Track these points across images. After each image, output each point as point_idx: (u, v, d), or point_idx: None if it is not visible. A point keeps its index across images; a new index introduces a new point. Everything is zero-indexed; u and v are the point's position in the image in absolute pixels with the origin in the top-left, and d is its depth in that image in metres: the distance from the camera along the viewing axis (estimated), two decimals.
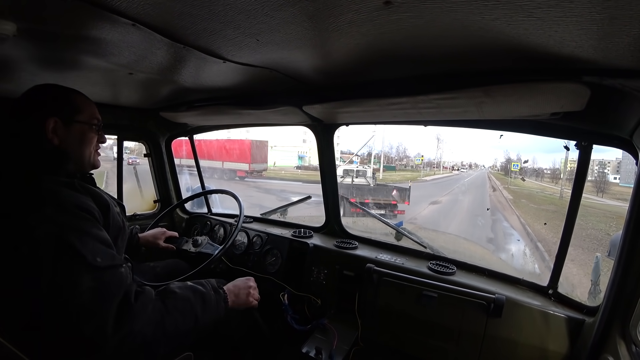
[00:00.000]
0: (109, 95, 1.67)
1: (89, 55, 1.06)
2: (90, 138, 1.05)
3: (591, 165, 1.76)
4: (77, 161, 1.04)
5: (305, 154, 31.05)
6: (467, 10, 0.66)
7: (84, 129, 1.03)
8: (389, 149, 37.91)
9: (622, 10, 0.57)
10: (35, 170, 0.94)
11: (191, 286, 1.03)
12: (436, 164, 37.22)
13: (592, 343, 1.04)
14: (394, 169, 32.66)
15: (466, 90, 1.05)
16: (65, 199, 0.87)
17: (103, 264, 0.82)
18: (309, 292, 1.68)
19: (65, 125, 0.99)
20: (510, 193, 17.21)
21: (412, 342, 1.40)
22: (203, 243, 1.76)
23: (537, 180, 26.77)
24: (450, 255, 1.61)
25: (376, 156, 35.14)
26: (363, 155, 26.94)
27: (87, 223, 0.87)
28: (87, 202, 0.92)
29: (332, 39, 0.87)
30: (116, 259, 0.88)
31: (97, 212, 0.93)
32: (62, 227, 0.82)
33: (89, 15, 0.76)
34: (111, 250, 0.89)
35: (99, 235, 0.87)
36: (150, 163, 2.42)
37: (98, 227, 0.89)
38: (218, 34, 0.87)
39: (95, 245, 0.85)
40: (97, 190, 1.03)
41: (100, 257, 0.83)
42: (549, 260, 5.53)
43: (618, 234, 1.04)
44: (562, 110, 1.01)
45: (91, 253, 0.82)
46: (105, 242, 0.88)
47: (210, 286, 1.08)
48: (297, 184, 17.11)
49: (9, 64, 1.15)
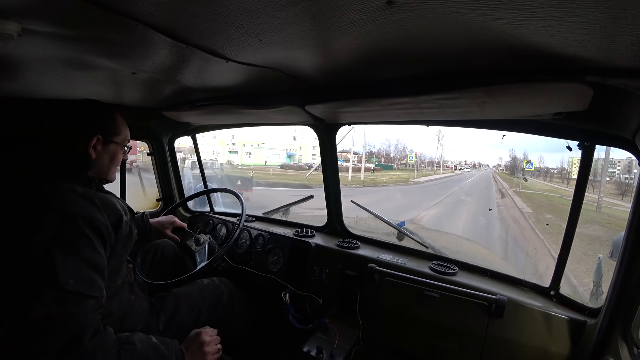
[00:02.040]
0: (112, 94, 1.68)
1: (93, 55, 1.07)
2: (119, 158, 1.16)
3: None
4: (100, 174, 1.10)
5: (294, 151, 30.27)
6: (469, 10, 0.65)
7: (117, 149, 1.13)
8: (387, 147, 37.00)
9: (625, 10, 0.57)
10: (55, 175, 0.96)
11: (154, 345, 0.97)
12: (437, 163, 35.17)
13: (594, 345, 1.04)
14: (390, 168, 30.91)
15: (468, 90, 1.05)
16: (75, 210, 0.88)
17: (71, 288, 0.80)
18: (310, 292, 1.68)
19: (105, 144, 1.07)
20: (524, 200, 13.88)
21: (413, 343, 1.40)
22: (203, 244, 1.77)
23: (544, 180, 24.23)
24: (452, 256, 1.61)
25: (374, 154, 33.86)
26: (360, 154, 26.58)
27: (83, 240, 0.86)
28: (97, 217, 0.92)
29: (335, 39, 0.87)
30: (94, 288, 0.85)
31: (107, 226, 0.94)
32: (55, 238, 0.82)
33: (93, 16, 0.76)
34: (96, 275, 0.87)
35: (89, 257, 0.86)
36: (153, 162, 2.44)
37: (93, 248, 0.88)
38: (221, 34, 0.88)
39: (77, 266, 0.83)
40: (112, 200, 1.04)
41: (73, 279, 0.80)
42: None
43: (620, 234, 1.03)
44: (564, 110, 1.01)
45: (65, 272, 0.80)
46: (93, 266, 0.86)
47: (174, 351, 1.01)
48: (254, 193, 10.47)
49: (14, 64, 1.16)
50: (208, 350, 1.10)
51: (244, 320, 1.63)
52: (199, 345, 1.10)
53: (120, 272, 1.11)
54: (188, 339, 1.12)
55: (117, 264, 1.06)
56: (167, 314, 1.30)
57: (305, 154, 31.13)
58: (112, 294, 1.05)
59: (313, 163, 26.46)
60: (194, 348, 1.09)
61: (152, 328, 1.23)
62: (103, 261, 0.91)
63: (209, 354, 1.10)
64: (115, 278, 1.08)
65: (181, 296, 1.38)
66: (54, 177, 0.95)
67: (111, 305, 1.04)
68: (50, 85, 1.44)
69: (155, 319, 1.26)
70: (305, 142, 29.97)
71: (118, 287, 1.10)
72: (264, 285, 1.83)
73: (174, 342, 1.03)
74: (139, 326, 1.17)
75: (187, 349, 1.07)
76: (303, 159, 30.95)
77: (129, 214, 1.10)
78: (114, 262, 1.02)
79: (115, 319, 1.07)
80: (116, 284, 1.09)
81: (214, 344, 1.14)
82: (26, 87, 1.48)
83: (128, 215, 1.08)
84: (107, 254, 0.95)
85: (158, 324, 1.25)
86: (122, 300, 1.12)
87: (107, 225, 0.94)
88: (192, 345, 1.09)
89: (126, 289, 1.15)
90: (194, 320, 1.33)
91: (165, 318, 1.28)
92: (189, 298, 1.40)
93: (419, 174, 28.99)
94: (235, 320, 1.55)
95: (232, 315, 1.54)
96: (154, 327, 1.23)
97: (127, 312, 1.13)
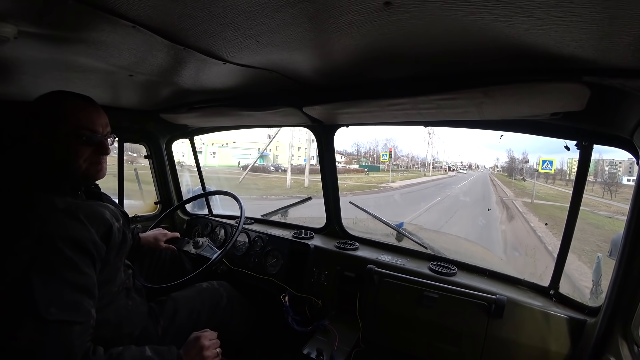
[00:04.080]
0: (109, 97, 1.67)
1: (90, 57, 1.06)
2: (81, 150, 0.97)
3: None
4: (76, 177, 0.99)
5: (268, 151, 26.49)
6: (467, 10, 0.65)
7: (70, 141, 0.95)
8: (375, 146, 35.57)
9: (622, 10, 0.57)
10: (34, 187, 0.90)
11: (148, 359, 0.95)
12: (427, 164, 31.07)
13: (594, 344, 1.04)
14: (377, 169, 27.98)
15: (466, 91, 1.05)
16: (53, 230, 0.82)
17: (53, 317, 0.76)
18: (310, 294, 1.68)
19: (49, 136, 0.93)
20: (551, 226, 7.86)
21: (413, 343, 1.40)
22: (204, 245, 1.77)
23: (545, 183, 20.06)
24: (451, 256, 1.61)
25: (365, 154, 31.79)
26: (353, 154, 25.53)
27: (64, 263, 0.81)
28: (81, 234, 0.86)
29: (332, 40, 0.87)
30: (79, 313, 0.82)
31: (94, 242, 0.88)
32: (33, 263, 0.77)
33: (89, 18, 0.76)
34: (82, 297, 0.83)
35: (72, 280, 0.82)
36: (150, 165, 2.42)
37: (77, 269, 0.83)
38: (218, 36, 0.87)
39: (58, 292, 0.79)
40: (100, 209, 0.97)
41: (55, 307, 0.77)
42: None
43: (619, 233, 1.04)
44: (562, 110, 1.01)
45: (46, 301, 0.76)
46: (78, 288, 0.82)
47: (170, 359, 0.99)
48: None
49: (10, 67, 1.15)
50: (207, 355, 1.09)
51: (243, 323, 1.62)
52: (198, 349, 1.08)
53: (117, 280, 1.08)
54: (187, 342, 1.11)
55: (111, 272, 1.04)
56: (166, 318, 1.29)
57: (282, 155, 28.00)
58: (108, 302, 1.03)
59: (296, 165, 23.36)
60: (194, 352, 1.07)
61: (151, 332, 1.21)
62: (90, 280, 0.87)
63: (209, 357, 1.09)
64: (111, 286, 1.05)
65: (180, 300, 1.37)
66: (33, 189, 0.89)
67: (108, 313, 1.02)
68: (47, 88, 1.40)
69: (154, 324, 1.25)
70: (283, 140, 27.06)
71: (114, 294, 1.08)
72: (263, 288, 1.82)
73: (172, 350, 1.02)
74: (137, 331, 1.16)
75: (187, 353, 1.06)
76: (280, 159, 27.35)
77: (121, 219, 1.06)
78: (109, 271, 1.00)
79: (113, 327, 1.06)
80: (112, 291, 1.06)
81: (214, 347, 1.13)
82: (23, 90, 1.47)
83: (120, 221, 1.04)
84: (99, 268, 0.92)
85: (157, 329, 1.24)
86: (120, 307, 1.10)
87: (94, 240, 0.89)
88: (191, 349, 1.08)
89: (123, 295, 1.13)
90: (193, 324, 1.32)
91: (165, 322, 1.27)
92: (188, 301, 1.39)
93: (401, 177, 24.33)
94: (234, 323, 1.54)
95: (231, 318, 1.53)
96: (153, 332, 1.22)
97: (124, 318, 1.11)
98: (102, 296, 0.93)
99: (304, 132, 26.98)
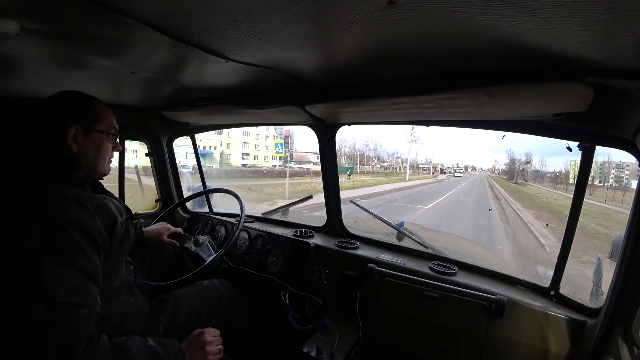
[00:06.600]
0: (111, 94, 1.68)
1: (92, 54, 1.06)
2: (107, 148, 1.08)
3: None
4: (90, 169, 1.05)
5: (211, 149, 22.12)
6: (470, 10, 0.65)
7: (102, 138, 1.06)
8: (351, 145, 33.20)
9: (627, 11, 0.57)
10: (44, 177, 0.92)
11: (151, 348, 0.95)
12: (406, 164, 25.51)
13: (594, 345, 1.04)
14: (345, 172, 21.97)
15: (469, 91, 1.05)
16: (63, 216, 0.84)
17: (62, 299, 0.78)
18: (310, 292, 1.68)
19: (84, 134, 1.01)
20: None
21: (413, 343, 1.40)
22: (204, 243, 1.77)
23: (550, 187, 17.08)
24: (451, 256, 1.61)
25: (346, 155, 28.87)
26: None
27: (73, 247, 0.83)
28: (89, 222, 0.88)
29: (335, 39, 0.87)
30: (86, 297, 0.83)
31: (99, 231, 0.90)
32: (43, 246, 0.79)
33: (91, 14, 0.76)
34: (89, 283, 0.84)
35: (80, 265, 0.83)
36: (151, 162, 2.43)
37: (85, 255, 0.85)
38: (221, 34, 0.87)
39: (67, 274, 0.80)
40: (105, 202, 1.00)
41: (63, 289, 0.78)
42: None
43: (620, 235, 1.03)
44: (565, 111, 1.01)
45: (55, 282, 0.77)
46: (85, 273, 0.84)
47: (172, 353, 0.99)
48: None
49: (12, 63, 1.15)
50: (210, 350, 1.09)
51: (244, 321, 1.63)
52: (201, 345, 1.08)
53: (119, 274, 1.09)
54: (190, 337, 1.11)
55: (114, 266, 1.04)
56: (167, 316, 1.29)
57: (234, 153, 23.60)
58: (109, 297, 1.03)
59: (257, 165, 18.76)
60: (196, 347, 1.08)
61: (152, 331, 1.21)
62: (96, 267, 0.88)
63: (211, 353, 1.09)
64: (113, 280, 1.06)
65: (181, 298, 1.38)
66: (43, 180, 0.92)
67: (109, 308, 1.02)
68: (49, 85, 1.43)
69: (155, 322, 1.25)
70: (235, 136, 24.28)
71: (116, 289, 1.08)
72: (263, 286, 1.83)
73: (173, 343, 1.02)
74: (139, 329, 1.16)
75: (189, 348, 1.06)
76: (232, 159, 22.94)
77: (124, 214, 1.07)
78: (111, 264, 1.01)
79: (114, 323, 1.06)
80: (114, 286, 1.06)
81: (216, 344, 1.13)
82: (25, 87, 1.47)
83: (124, 215, 1.06)
84: (102, 258, 0.93)
85: (158, 327, 1.24)
86: (121, 303, 1.10)
87: (99, 229, 0.91)
88: (193, 344, 1.08)
89: (125, 291, 1.14)
90: (194, 322, 1.32)
91: (166, 320, 1.27)
92: (189, 300, 1.39)
93: (368, 182, 18.72)
94: (234, 321, 1.55)
95: (232, 316, 1.53)
96: (154, 330, 1.22)
97: (126, 315, 1.11)
98: (104, 290, 0.94)
99: (272, 129, 24.91)
